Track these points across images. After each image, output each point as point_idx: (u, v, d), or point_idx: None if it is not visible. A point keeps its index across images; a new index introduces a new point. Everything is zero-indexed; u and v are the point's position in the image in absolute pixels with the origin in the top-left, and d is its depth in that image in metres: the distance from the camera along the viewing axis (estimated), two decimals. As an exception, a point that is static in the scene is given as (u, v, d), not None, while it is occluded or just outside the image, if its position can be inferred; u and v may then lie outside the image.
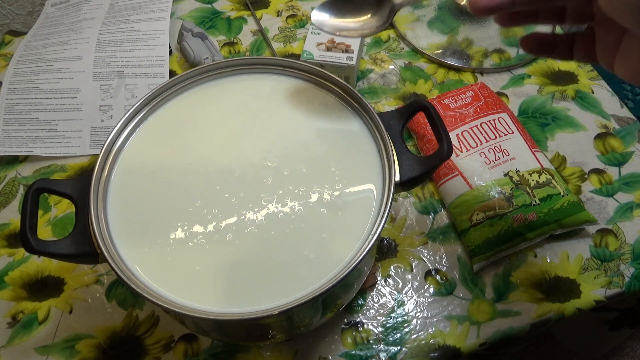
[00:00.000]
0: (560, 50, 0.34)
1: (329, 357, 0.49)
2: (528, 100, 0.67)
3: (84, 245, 0.36)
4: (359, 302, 0.52)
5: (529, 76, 0.70)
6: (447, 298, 0.52)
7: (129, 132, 0.42)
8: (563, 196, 0.53)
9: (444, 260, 0.54)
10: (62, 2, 0.77)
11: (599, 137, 0.63)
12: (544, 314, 0.50)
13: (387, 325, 0.50)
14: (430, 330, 0.50)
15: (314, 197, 0.39)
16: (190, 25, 0.70)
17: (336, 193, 0.39)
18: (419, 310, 0.51)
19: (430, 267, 0.54)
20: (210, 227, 0.38)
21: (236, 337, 0.44)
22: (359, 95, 0.42)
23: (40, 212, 0.57)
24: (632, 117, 0.65)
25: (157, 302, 0.33)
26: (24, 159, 0.64)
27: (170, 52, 0.72)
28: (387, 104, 0.67)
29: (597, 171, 0.60)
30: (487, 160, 0.56)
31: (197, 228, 0.38)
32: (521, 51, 0.72)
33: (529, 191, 0.54)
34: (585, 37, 0.32)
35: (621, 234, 0.55)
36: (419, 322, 0.50)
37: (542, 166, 0.55)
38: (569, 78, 0.70)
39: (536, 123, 0.64)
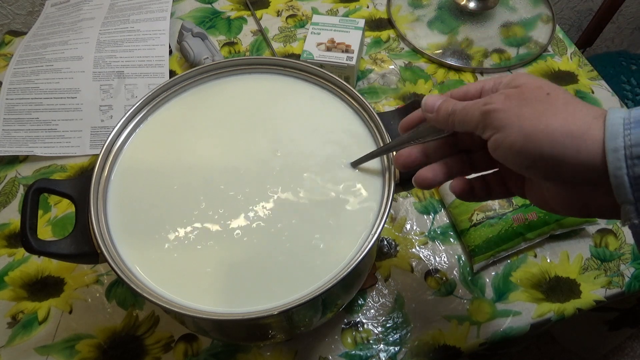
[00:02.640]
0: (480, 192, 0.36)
1: (329, 357, 0.49)
2: (528, 100, 0.67)
3: (84, 245, 0.36)
4: (359, 302, 0.52)
5: (529, 76, 0.69)
6: (447, 298, 0.52)
7: (129, 132, 0.42)
8: (563, 196, 0.53)
9: (444, 260, 0.54)
10: (62, 2, 0.77)
11: (599, 137, 0.63)
12: (544, 314, 0.50)
13: (387, 325, 0.50)
14: (430, 330, 0.50)
15: (316, 193, 0.39)
16: (190, 25, 0.70)
17: (337, 192, 0.39)
18: (419, 310, 0.51)
19: (430, 267, 0.54)
20: (209, 226, 0.38)
21: (236, 337, 0.44)
22: (359, 95, 0.42)
23: (40, 212, 0.57)
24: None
25: (157, 302, 0.33)
26: (24, 159, 0.64)
27: (170, 52, 0.72)
28: (387, 104, 0.67)
29: (597, 171, 0.60)
30: (487, 160, 0.56)
31: (197, 227, 0.38)
32: (521, 51, 0.72)
33: (529, 191, 0.53)
34: (497, 177, 0.35)
35: (621, 234, 0.55)
36: (419, 322, 0.50)
37: (542, 166, 0.55)
38: (569, 78, 0.70)
39: (536, 123, 0.64)
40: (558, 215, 0.52)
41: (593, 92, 0.67)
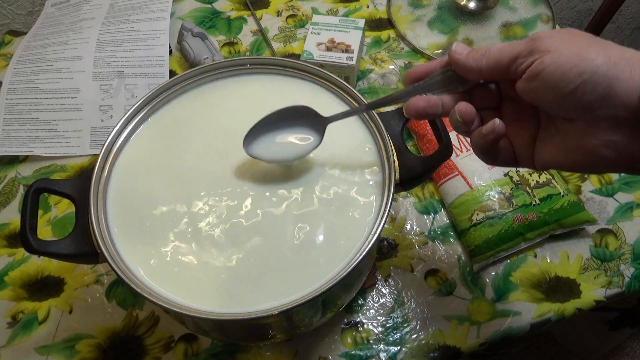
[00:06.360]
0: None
1: (329, 357, 0.49)
2: (528, 100, 0.67)
3: (84, 245, 0.36)
4: (359, 302, 0.52)
5: (529, 76, 0.69)
6: (447, 298, 0.52)
7: (129, 132, 0.42)
8: (563, 196, 0.53)
9: (444, 260, 0.54)
10: (62, 2, 0.77)
11: (599, 137, 0.63)
12: (544, 314, 0.50)
13: (387, 325, 0.50)
14: (430, 330, 0.50)
15: (316, 193, 0.39)
16: (190, 25, 0.70)
17: (337, 192, 0.39)
18: (419, 310, 0.51)
19: (430, 267, 0.54)
20: (209, 226, 0.38)
21: (236, 337, 0.44)
22: (359, 95, 0.42)
23: (40, 212, 0.57)
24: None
25: (157, 302, 0.33)
26: (24, 159, 0.64)
27: (170, 52, 0.72)
28: (387, 104, 0.67)
29: (597, 171, 0.60)
30: (487, 160, 0.56)
31: (197, 227, 0.38)
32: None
33: (529, 191, 0.53)
34: (505, 142, 0.34)
35: (621, 233, 0.55)
36: (419, 322, 0.50)
37: (542, 166, 0.55)
38: (569, 78, 0.69)
39: (536, 123, 0.64)
40: (558, 215, 0.52)
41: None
